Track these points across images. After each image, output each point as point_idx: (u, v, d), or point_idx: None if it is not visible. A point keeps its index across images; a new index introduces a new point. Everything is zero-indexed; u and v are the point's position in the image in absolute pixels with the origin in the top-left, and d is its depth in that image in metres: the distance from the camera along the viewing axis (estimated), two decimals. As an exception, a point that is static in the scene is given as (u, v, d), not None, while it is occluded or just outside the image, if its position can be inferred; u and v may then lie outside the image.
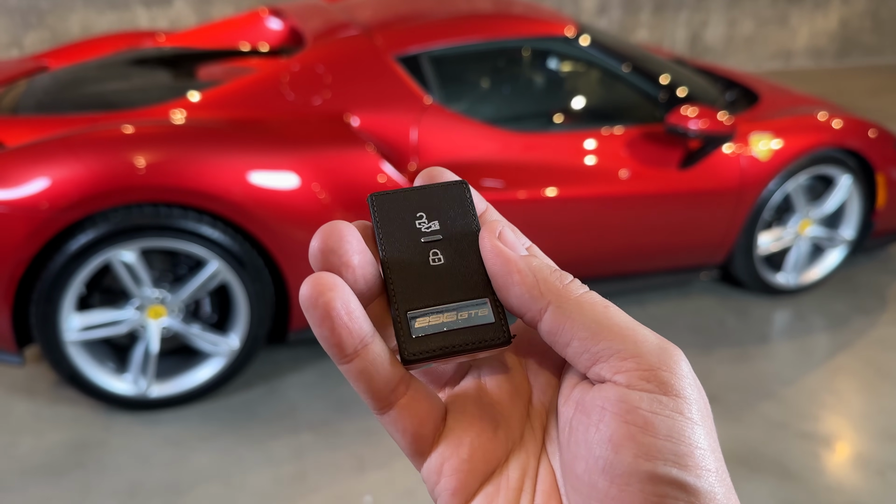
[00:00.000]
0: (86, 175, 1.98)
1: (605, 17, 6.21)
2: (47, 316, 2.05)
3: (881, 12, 7.04)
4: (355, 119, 2.33)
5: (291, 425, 2.22)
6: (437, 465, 0.34)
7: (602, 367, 0.31)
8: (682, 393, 0.30)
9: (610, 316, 0.32)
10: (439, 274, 0.36)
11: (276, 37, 3.08)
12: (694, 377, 0.32)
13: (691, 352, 2.64)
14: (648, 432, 0.29)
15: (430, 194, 0.37)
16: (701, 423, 0.30)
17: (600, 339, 0.31)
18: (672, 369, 0.31)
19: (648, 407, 0.30)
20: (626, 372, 0.31)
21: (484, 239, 0.36)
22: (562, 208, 2.49)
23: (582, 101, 2.94)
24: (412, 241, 0.36)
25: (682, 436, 0.30)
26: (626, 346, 0.31)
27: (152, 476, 2.02)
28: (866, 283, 3.16)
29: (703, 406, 0.31)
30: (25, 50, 4.88)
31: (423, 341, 0.34)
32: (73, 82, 2.60)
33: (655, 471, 0.29)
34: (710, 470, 0.30)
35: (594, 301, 0.33)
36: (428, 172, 0.38)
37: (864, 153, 2.88)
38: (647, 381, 0.30)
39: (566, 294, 0.33)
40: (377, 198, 0.37)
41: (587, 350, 0.32)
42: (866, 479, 2.08)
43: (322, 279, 0.32)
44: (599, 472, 0.30)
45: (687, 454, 0.29)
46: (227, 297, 2.27)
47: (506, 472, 0.34)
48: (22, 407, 2.27)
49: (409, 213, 0.37)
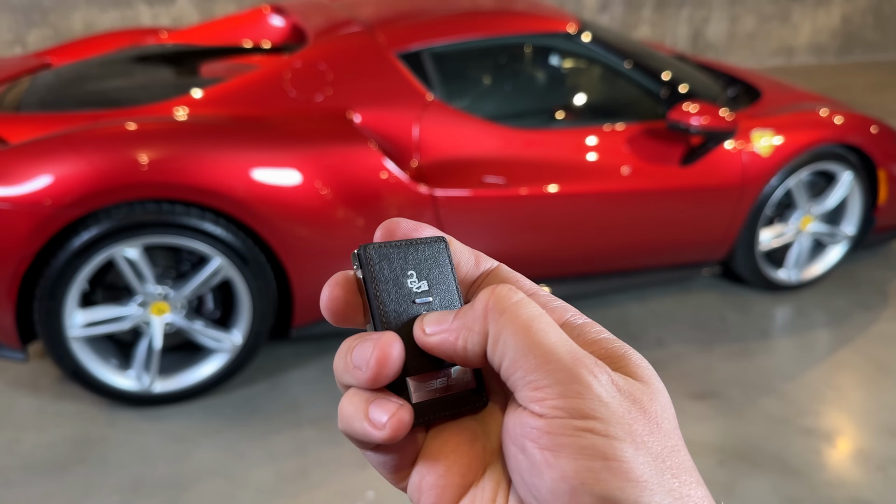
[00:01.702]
0: (89, 172, 1.99)
1: (607, 13, 6.21)
2: (51, 312, 2.06)
3: (883, 9, 7.03)
4: (357, 116, 2.33)
5: (294, 421, 2.23)
6: (417, 483, 0.35)
7: (521, 394, 0.32)
8: (595, 412, 0.31)
9: (528, 337, 0.32)
10: None
11: (279, 34, 3.08)
12: (617, 390, 0.32)
13: (693, 347, 2.65)
14: (561, 455, 0.30)
15: (416, 251, 0.37)
16: (624, 435, 0.31)
17: (517, 368, 0.32)
18: (582, 393, 0.31)
19: (559, 430, 0.30)
20: (540, 402, 0.31)
21: (421, 340, 0.35)
22: (563, 205, 2.49)
23: (583, 98, 2.94)
24: (407, 302, 0.36)
25: (595, 453, 0.30)
26: (539, 373, 0.31)
27: (155, 471, 2.03)
28: (867, 279, 3.16)
29: (627, 416, 0.31)
30: (28, 47, 4.89)
31: (420, 407, 0.35)
32: (76, 80, 2.61)
33: (574, 490, 0.30)
34: (635, 480, 0.30)
35: (516, 318, 0.33)
36: (387, 225, 0.38)
37: (866, 149, 2.88)
38: (560, 409, 0.31)
39: (493, 314, 0.33)
40: (368, 251, 0.36)
41: (508, 377, 0.33)
42: (867, 474, 2.09)
43: (404, 421, 0.33)
44: (532, 496, 0.31)
45: (603, 469, 0.30)
46: (230, 294, 2.28)
47: (482, 485, 0.34)
48: (25, 403, 2.28)
49: (401, 270, 0.36)
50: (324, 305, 0.36)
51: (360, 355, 0.33)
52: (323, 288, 0.36)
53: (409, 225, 0.38)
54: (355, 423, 0.33)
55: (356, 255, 0.36)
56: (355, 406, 0.33)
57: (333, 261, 2.26)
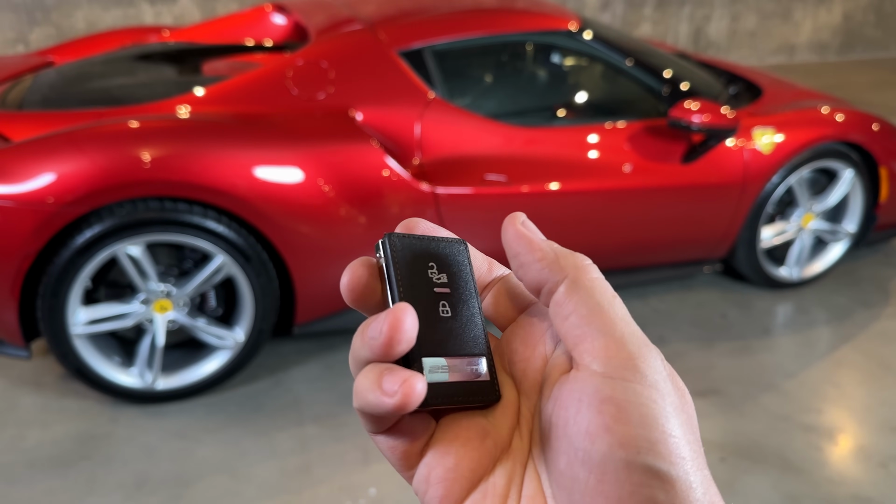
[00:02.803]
0: (92, 170, 1.99)
1: (609, 11, 6.21)
2: (54, 309, 2.06)
3: (884, 6, 7.02)
4: (359, 114, 2.34)
5: (296, 417, 2.24)
6: (425, 475, 0.35)
7: (585, 349, 0.33)
8: (656, 385, 0.32)
9: (612, 305, 0.34)
10: (446, 326, 0.37)
11: (281, 32, 3.09)
12: (669, 375, 0.33)
13: (694, 345, 2.65)
14: (621, 421, 0.30)
15: (437, 246, 0.39)
16: (675, 414, 0.32)
17: (593, 321, 0.33)
18: (648, 362, 0.32)
19: (622, 395, 0.31)
20: (604, 359, 0.32)
21: (507, 227, 0.37)
22: (565, 202, 2.50)
23: (585, 96, 2.94)
24: (427, 289, 0.37)
25: (655, 424, 0.30)
26: (612, 334, 0.33)
27: (158, 468, 2.04)
28: (869, 277, 3.16)
29: (677, 401, 0.32)
30: (31, 46, 4.89)
31: (431, 389, 0.35)
32: (79, 78, 2.62)
33: (629, 459, 0.30)
34: (684, 458, 0.31)
35: (604, 288, 0.35)
36: (407, 223, 0.39)
37: (868, 147, 2.88)
38: (622, 370, 0.31)
39: (584, 272, 0.35)
40: (393, 239, 0.37)
41: (579, 327, 0.33)
42: (868, 471, 2.09)
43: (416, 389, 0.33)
44: (580, 463, 0.31)
45: (660, 441, 0.30)
46: (233, 291, 2.28)
47: (492, 480, 0.35)
48: (29, 400, 2.29)
49: (422, 260, 0.38)
50: (345, 284, 0.36)
51: (375, 325, 0.33)
52: (346, 268, 0.37)
53: (428, 225, 0.39)
54: (369, 395, 0.33)
55: (380, 243, 0.37)
56: (369, 379, 0.33)
57: (335, 258, 2.26)
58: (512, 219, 0.38)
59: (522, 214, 0.38)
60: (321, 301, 2.34)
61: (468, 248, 0.40)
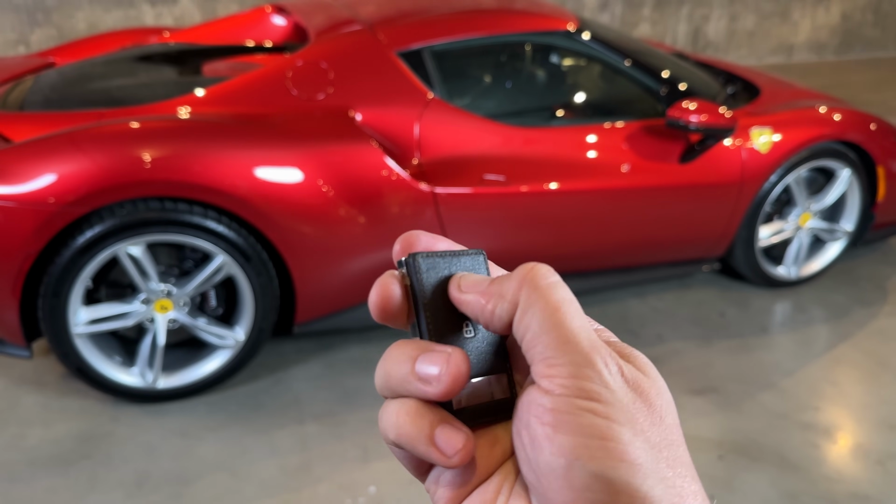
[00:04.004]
0: (93, 170, 2.00)
1: (607, 12, 6.22)
2: (55, 309, 2.07)
3: (883, 6, 7.03)
4: (358, 114, 2.35)
5: (297, 416, 2.25)
6: (436, 477, 0.37)
7: (535, 369, 0.34)
8: (600, 397, 0.32)
9: (556, 317, 0.33)
10: (471, 347, 0.37)
11: (281, 33, 3.10)
12: (624, 381, 0.34)
13: (692, 343, 2.66)
14: (560, 431, 0.31)
15: (457, 260, 0.38)
16: (624, 419, 0.32)
17: (539, 341, 0.33)
18: (591, 377, 0.32)
19: (563, 407, 0.32)
20: (549, 376, 0.33)
21: (451, 293, 0.37)
22: (563, 202, 2.51)
23: (583, 96, 2.95)
24: (452, 311, 0.37)
25: (594, 432, 0.31)
26: (556, 350, 0.33)
27: (159, 466, 2.05)
28: (866, 275, 3.17)
29: (630, 404, 0.33)
30: (32, 47, 4.90)
31: (463, 414, 0.36)
32: (80, 79, 2.63)
33: (569, 465, 0.31)
34: (630, 462, 0.31)
35: (549, 299, 0.34)
36: (406, 238, 0.39)
37: (865, 146, 2.89)
38: (565, 385, 0.32)
39: (530, 286, 0.35)
40: (415, 260, 0.37)
41: (529, 350, 0.34)
42: (866, 468, 2.10)
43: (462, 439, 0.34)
44: (531, 472, 0.33)
45: (598, 448, 0.31)
46: (233, 291, 2.29)
47: (490, 484, 0.36)
48: (30, 399, 2.30)
49: (446, 281, 0.38)
50: (375, 301, 0.36)
51: (430, 368, 0.34)
52: (376, 283, 0.37)
53: (428, 239, 0.39)
54: (419, 445, 0.34)
55: (404, 262, 0.37)
56: (418, 427, 0.34)
57: (335, 258, 2.27)
58: (451, 286, 0.37)
59: (456, 276, 0.37)
60: (321, 300, 2.35)
61: (485, 257, 0.39)
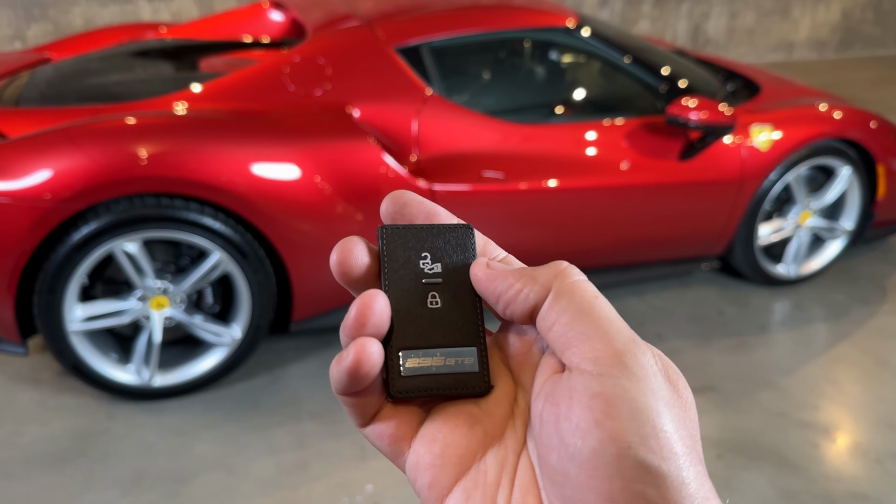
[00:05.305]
0: (88, 166, 1.99)
1: (607, 8, 6.20)
2: (50, 306, 2.06)
3: (883, 4, 7.02)
4: (356, 110, 2.34)
5: (294, 414, 2.24)
6: (415, 462, 0.36)
7: (573, 352, 0.33)
8: (646, 380, 0.32)
9: (594, 305, 0.34)
10: (434, 317, 0.37)
11: (278, 28, 3.08)
12: (663, 370, 0.33)
13: (691, 342, 2.65)
14: (611, 416, 0.30)
15: (437, 234, 0.39)
16: (667, 409, 0.31)
17: (577, 325, 0.33)
18: (637, 358, 0.32)
19: (611, 391, 0.31)
20: (593, 358, 0.32)
21: (477, 273, 0.38)
22: (562, 199, 2.50)
23: (583, 93, 2.94)
24: (414, 281, 0.38)
25: (645, 418, 0.30)
26: (597, 333, 0.33)
27: (155, 464, 2.04)
28: (866, 274, 3.17)
29: (669, 396, 0.32)
30: (28, 42, 4.88)
31: (410, 380, 0.36)
32: (76, 74, 2.61)
33: (620, 453, 0.30)
34: (677, 454, 0.30)
35: (585, 289, 0.35)
36: (393, 197, 0.39)
37: (865, 144, 2.88)
38: (612, 367, 0.31)
39: (563, 278, 0.35)
40: (387, 231, 0.38)
41: (564, 334, 0.33)
42: (865, 467, 2.09)
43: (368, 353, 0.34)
44: (570, 459, 0.31)
45: (651, 436, 0.30)
46: (230, 288, 2.28)
47: (483, 468, 0.35)
48: (26, 396, 2.29)
49: (416, 251, 0.38)
50: (335, 261, 0.37)
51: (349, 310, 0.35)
52: (337, 245, 0.37)
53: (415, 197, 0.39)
54: (333, 370, 0.34)
55: (378, 231, 0.38)
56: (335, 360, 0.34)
57: (333, 255, 2.26)
58: (478, 265, 0.38)
59: (484, 258, 0.38)
60: (318, 298, 2.34)
61: (473, 233, 0.39)
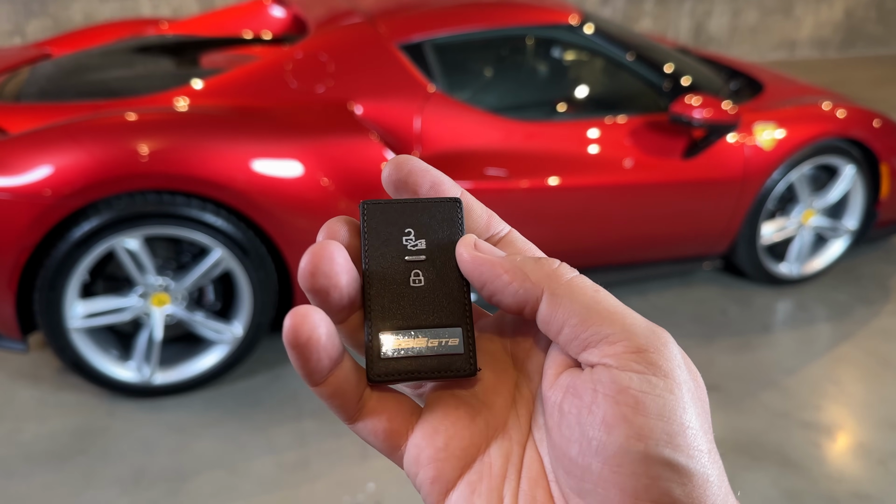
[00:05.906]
0: (89, 162, 1.98)
1: (609, 6, 6.19)
2: (51, 303, 2.05)
3: (886, 2, 7.01)
4: (358, 107, 2.33)
5: (294, 412, 2.23)
6: (415, 457, 0.34)
7: (592, 353, 0.31)
8: (672, 374, 0.30)
9: (599, 301, 0.32)
10: (417, 296, 0.35)
11: (280, 24, 3.07)
12: (683, 361, 0.32)
13: (693, 341, 2.65)
14: (640, 412, 0.29)
15: (423, 209, 0.37)
16: (692, 405, 0.30)
17: (590, 325, 0.32)
18: (661, 351, 0.31)
19: (639, 387, 0.30)
20: (616, 355, 0.31)
21: (462, 253, 0.35)
22: (565, 197, 2.49)
23: (585, 90, 2.93)
24: (396, 258, 0.36)
25: (673, 416, 0.29)
26: (614, 329, 0.31)
27: (156, 462, 2.03)
28: (869, 273, 3.16)
29: (693, 388, 0.31)
30: (28, 38, 4.87)
31: (390, 363, 0.34)
32: (76, 70, 2.60)
33: (647, 451, 0.29)
34: (702, 451, 0.30)
35: (584, 285, 0.33)
36: (398, 162, 0.37)
37: (869, 143, 2.87)
38: (637, 363, 0.30)
39: (557, 279, 0.33)
40: (369, 206, 0.36)
41: (577, 336, 0.32)
42: (868, 468, 2.09)
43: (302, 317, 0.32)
44: (593, 453, 0.30)
45: (678, 433, 0.29)
46: (231, 285, 2.27)
47: (488, 460, 0.34)
48: (26, 393, 2.28)
49: (398, 227, 0.36)
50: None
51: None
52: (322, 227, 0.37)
53: (420, 164, 0.38)
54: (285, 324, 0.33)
55: (360, 206, 0.37)
56: None
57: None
58: (464, 244, 0.36)
59: (472, 236, 0.36)
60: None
61: (462, 207, 0.37)
